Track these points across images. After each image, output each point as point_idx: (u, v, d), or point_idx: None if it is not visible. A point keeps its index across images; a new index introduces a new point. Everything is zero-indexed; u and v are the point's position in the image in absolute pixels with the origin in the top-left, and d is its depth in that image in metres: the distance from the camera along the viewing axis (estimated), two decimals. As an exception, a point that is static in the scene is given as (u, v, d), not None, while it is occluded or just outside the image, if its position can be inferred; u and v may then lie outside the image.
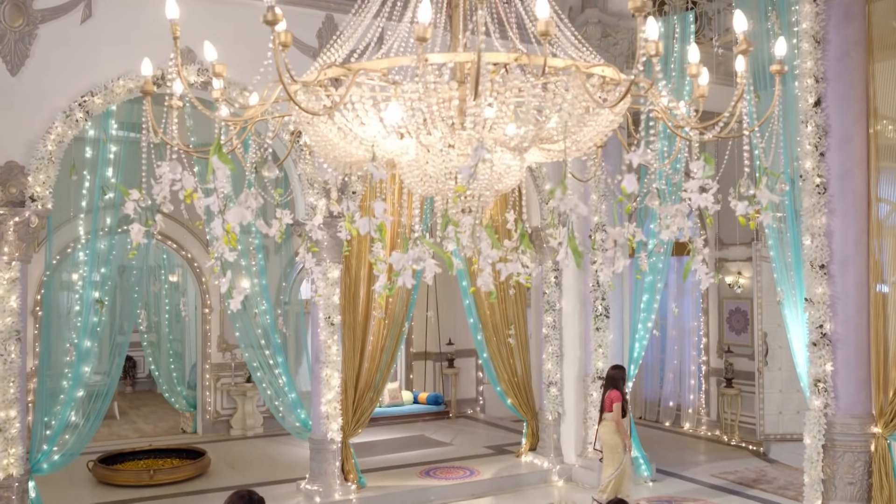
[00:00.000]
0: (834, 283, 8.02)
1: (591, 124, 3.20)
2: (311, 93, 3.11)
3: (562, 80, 2.89)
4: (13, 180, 8.14)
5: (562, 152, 3.36)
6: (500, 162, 3.42)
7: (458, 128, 3.12)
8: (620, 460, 8.89)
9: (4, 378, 8.04)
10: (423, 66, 2.70)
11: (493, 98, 3.04)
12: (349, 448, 9.93)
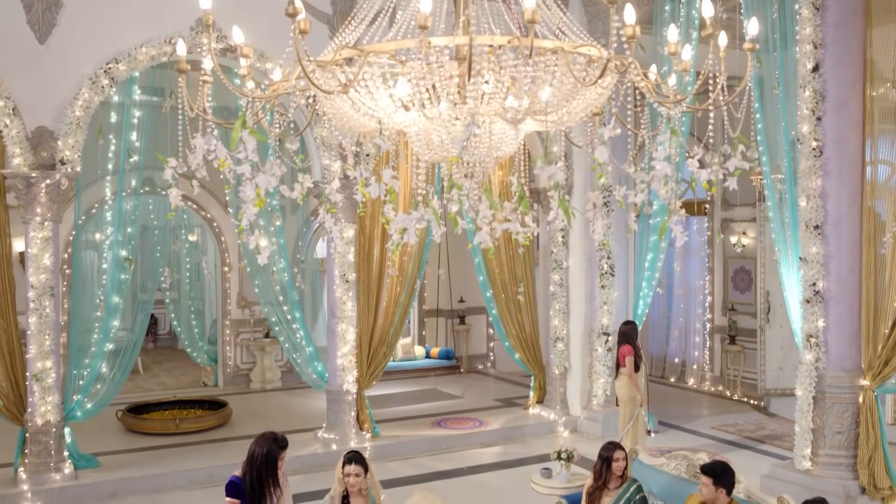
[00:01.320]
0: (827, 243, 8.34)
1: (578, 98, 3.55)
2: (327, 70, 3.48)
3: (550, 59, 3.25)
4: (44, 144, 8.57)
5: (554, 123, 3.73)
6: (498, 132, 3.79)
7: (460, 102, 3.49)
8: (633, 413, 9.31)
9: (40, 331, 8.56)
10: (426, 48, 3.06)
11: (490, 75, 3.40)
12: (364, 399, 10.45)
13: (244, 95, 3.40)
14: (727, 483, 5.43)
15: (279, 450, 5.36)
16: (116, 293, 9.44)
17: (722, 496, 5.42)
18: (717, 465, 5.57)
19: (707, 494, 5.47)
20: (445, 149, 3.83)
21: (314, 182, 7.25)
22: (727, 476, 5.47)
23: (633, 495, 6.08)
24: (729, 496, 5.44)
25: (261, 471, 5.31)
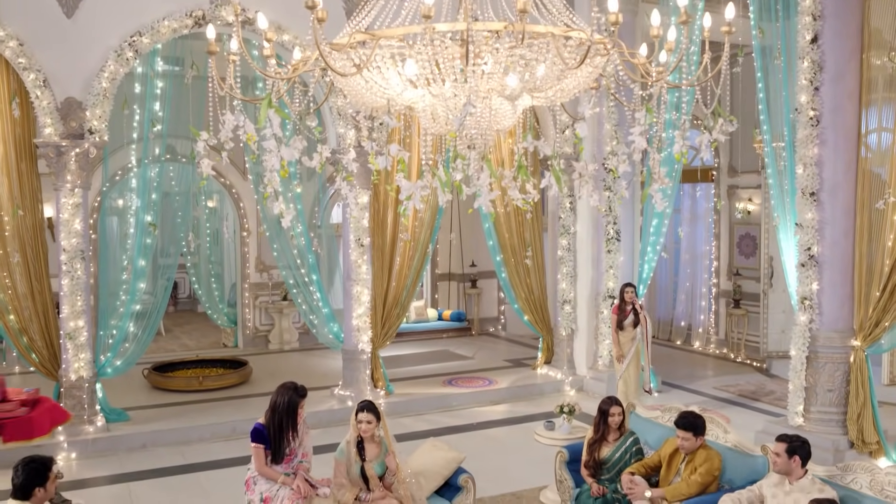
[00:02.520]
0: (823, 209, 8.67)
1: (570, 76, 3.92)
2: (342, 52, 3.86)
3: (543, 42, 3.62)
4: (73, 115, 8.99)
5: (548, 98, 4.10)
6: (497, 107, 4.16)
7: (461, 81, 3.86)
8: (621, 369, 9.79)
9: (73, 292, 9.06)
10: (431, 34, 3.43)
11: (489, 56, 3.77)
12: (378, 358, 10.93)
13: (268, 76, 3.78)
14: (697, 428, 5.92)
15: (299, 398, 5.83)
16: (142, 257, 9.90)
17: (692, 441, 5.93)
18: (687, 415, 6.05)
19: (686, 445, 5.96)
20: (449, 122, 4.20)
21: (331, 151, 7.60)
22: (699, 422, 5.97)
23: (630, 446, 6.52)
24: (697, 438, 5.93)
25: (282, 417, 5.79)
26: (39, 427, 6.44)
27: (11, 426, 6.38)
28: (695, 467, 5.97)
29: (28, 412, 6.49)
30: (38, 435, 6.39)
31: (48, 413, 6.58)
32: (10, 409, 6.40)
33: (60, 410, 6.75)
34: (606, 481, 6.38)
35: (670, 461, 6.18)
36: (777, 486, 5.36)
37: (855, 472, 5.37)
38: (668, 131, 10.42)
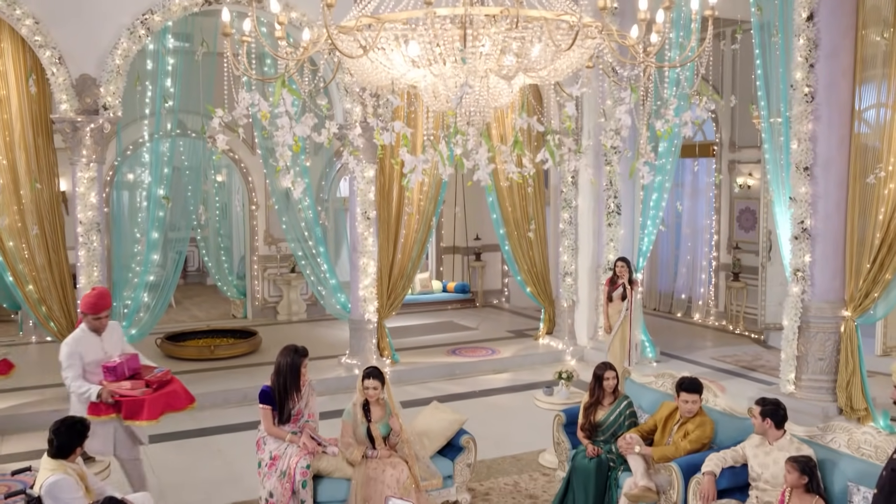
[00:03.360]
0: (816, 183, 8.93)
1: (563, 57, 4.17)
2: (350, 35, 4.12)
3: (537, 25, 3.88)
4: (87, 91, 9.26)
5: (542, 78, 4.36)
6: (494, 85, 4.42)
7: (461, 62, 4.12)
8: (608, 339, 10.09)
9: (89, 263, 9.39)
10: (432, 19, 3.69)
11: (486, 39, 4.03)
12: (384, 328, 11.27)
13: (280, 57, 4.04)
14: (700, 390, 6.22)
15: (300, 358, 6.20)
16: (155, 229, 10.20)
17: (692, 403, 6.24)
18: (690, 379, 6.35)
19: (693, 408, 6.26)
20: (450, 100, 4.46)
21: (338, 126, 7.87)
22: (700, 385, 6.27)
23: (624, 409, 6.83)
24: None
25: (286, 379, 6.16)
26: (150, 410, 6.26)
27: (127, 405, 6.20)
28: (686, 432, 6.27)
29: (147, 394, 6.30)
30: (146, 418, 6.22)
31: (165, 398, 6.37)
32: (130, 388, 6.25)
33: (180, 397, 6.51)
34: (601, 443, 6.69)
35: (665, 424, 6.49)
36: (758, 447, 5.67)
37: (834, 432, 5.68)
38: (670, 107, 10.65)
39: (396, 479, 6.12)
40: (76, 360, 6.32)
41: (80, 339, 6.44)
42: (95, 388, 6.24)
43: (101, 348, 6.47)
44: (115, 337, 6.68)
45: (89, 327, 6.46)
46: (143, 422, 6.21)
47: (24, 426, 9.05)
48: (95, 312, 6.43)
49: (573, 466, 6.63)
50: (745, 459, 5.75)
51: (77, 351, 6.35)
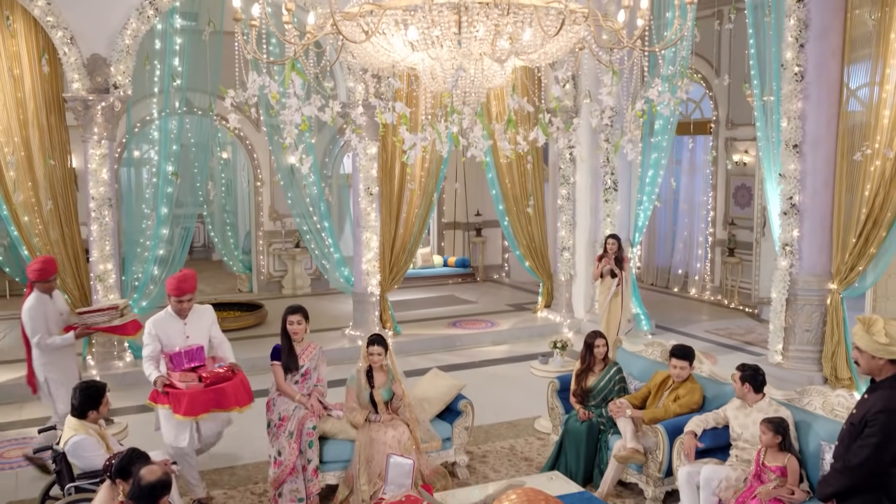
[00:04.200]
0: (804, 161, 9.20)
1: (553, 41, 4.46)
2: (353, 21, 4.41)
3: (528, 12, 4.16)
4: (98, 70, 9.54)
5: (532, 60, 4.65)
6: (488, 67, 4.71)
7: (456, 45, 4.41)
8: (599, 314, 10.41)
9: (102, 237, 9.72)
10: (430, 5, 3.98)
11: (480, 25, 4.32)
12: (386, 301, 11.61)
13: (287, 42, 4.33)
14: (690, 357, 6.56)
15: (287, 315, 6.65)
16: (165, 205, 10.51)
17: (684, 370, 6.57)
18: (680, 346, 6.68)
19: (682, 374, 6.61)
20: (447, 81, 4.76)
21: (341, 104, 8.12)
22: (691, 351, 6.61)
23: (613, 375, 7.18)
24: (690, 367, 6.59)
25: (282, 336, 6.57)
26: (190, 406, 6.00)
27: (172, 397, 6.07)
28: (677, 396, 6.62)
29: (194, 388, 6.06)
30: (183, 414, 6.02)
31: (211, 395, 6.11)
32: (178, 380, 6.10)
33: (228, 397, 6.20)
34: (592, 407, 7.05)
35: (658, 390, 6.83)
36: (739, 409, 6.01)
37: (810, 395, 6.01)
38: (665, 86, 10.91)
39: (398, 440, 6.47)
40: (154, 340, 6.32)
41: (161, 321, 6.43)
42: (155, 374, 6.22)
43: (182, 332, 6.43)
44: (202, 323, 6.58)
45: (173, 310, 6.45)
46: (181, 416, 6.07)
47: (41, 394, 9.41)
48: (177, 295, 6.38)
49: (566, 430, 6.99)
50: (727, 421, 6.09)
51: (156, 332, 6.34)
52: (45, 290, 7.29)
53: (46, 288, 7.29)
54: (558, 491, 5.39)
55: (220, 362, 6.51)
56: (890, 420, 3.96)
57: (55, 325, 7.33)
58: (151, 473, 4.17)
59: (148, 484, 4.11)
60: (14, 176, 9.53)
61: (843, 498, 4.20)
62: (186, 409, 6.04)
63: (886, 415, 3.98)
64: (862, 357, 4.17)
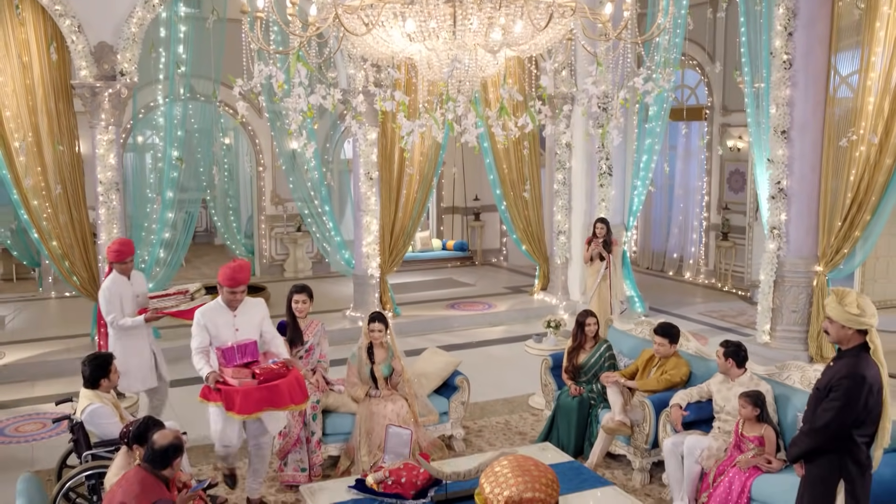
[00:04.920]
0: (792, 146, 9.46)
1: (542, 34, 4.73)
2: (353, 13, 4.67)
3: (517, 7, 4.43)
4: (105, 58, 9.79)
5: (523, 51, 4.92)
6: (482, 57, 4.98)
7: (451, 36, 4.68)
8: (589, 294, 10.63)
9: (109, 220, 10.00)
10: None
11: (474, 18, 4.59)
12: (386, 283, 11.91)
13: (293, 35, 4.60)
14: (671, 336, 6.85)
15: (293, 293, 6.98)
16: (170, 189, 10.78)
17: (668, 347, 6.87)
18: (664, 324, 6.98)
19: (661, 350, 6.90)
20: (443, 71, 5.03)
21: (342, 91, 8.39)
22: (674, 331, 6.90)
23: (604, 352, 7.47)
24: (671, 345, 6.88)
25: (288, 313, 6.94)
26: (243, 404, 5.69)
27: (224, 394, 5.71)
28: (664, 371, 6.92)
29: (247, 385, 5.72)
30: (237, 412, 5.69)
31: (265, 392, 5.72)
32: (231, 376, 5.75)
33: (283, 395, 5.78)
34: (583, 383, 7.35)
35: (645, 367, 7.14)
36: (722, 383, 6.31)
37: (789, 370, 6.32)
38: (658, 72, 11.17)
39: (397, 413, 6.78)
40: (202, 332, 5.96)
41: (210, 312, 6.04)
42: (206, 368, 5.86)
43: (231, 325, 6.02)
44: (252, 317, 6.17)
45: (223, 300, 6.07)
46: (235, 415, 5.72)
47: (52, 372, 9.76)
48: (231, 286, 5.98)
49: (557, 404, 7.30)
50: (711, 395, 6.39)
51: (204, 323, 5.97)
52: (122, 271, 7.39)
53: (123, 269, 7.39)
54: (550, 461, 5.68)
55: (274, 358, 6.12)
56: (853, 385, 4.26)
57: (130, 306, 7.38)
58: (164, 437, 4.46)
59: (161, 447, 4.41)
60: (24, 161, 9.80)
61: (809, 459, 4.50)
62: (241, 407, 5.67)
63: (850, 380, 4.27)
64: (832, 327, 4.46)
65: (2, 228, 14.61)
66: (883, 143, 8.75)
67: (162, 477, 4.44)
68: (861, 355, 4.35)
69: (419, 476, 5.47)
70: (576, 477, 5.78)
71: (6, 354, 10.21)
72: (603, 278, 10.45)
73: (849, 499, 4.38)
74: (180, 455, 4.49)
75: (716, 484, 5.79)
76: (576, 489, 5.55)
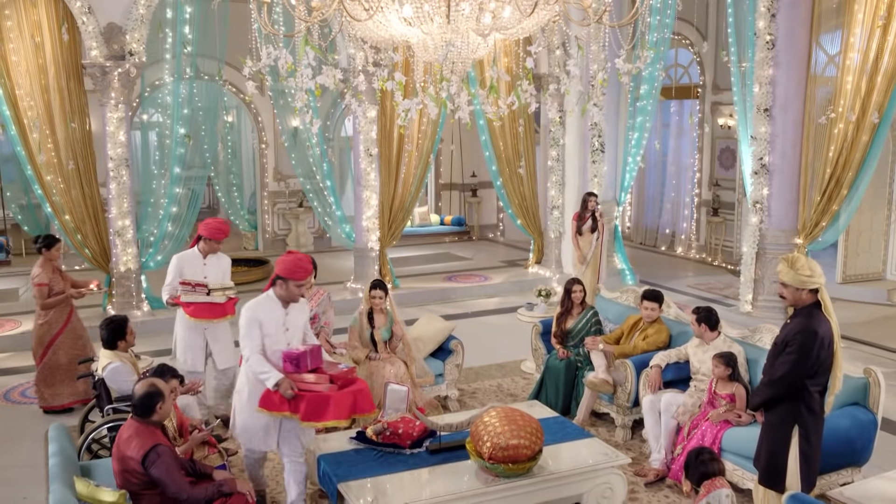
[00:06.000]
0: (774, 123, 9.87)
1: (528, 18, 5.14)
2: (356, 1, 5.08)
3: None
4: (114, 38, 10.17)
5: (511, 35, 5.33)
6: (473, 40, 5.39)
7: (446, 21, 5.09)
8: (578, 270, 11.00)
9: (120, 196, 10.43)
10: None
11: (467, 4, 5.00)
12: (385, 256, 12.36)
13: (301, 20, 5.00)
14: (659, 300, 7.32)
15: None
16: (178, 164, 11.19)
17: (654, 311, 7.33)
18: (651, 290, 7.44)
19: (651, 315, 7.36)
20: (438, 53, 5.44)
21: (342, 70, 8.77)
22: (661, 295, 7.36)
23: (590, 318, 7.93)
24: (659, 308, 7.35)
25: None
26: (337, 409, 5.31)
27: (309, 402, 5.28)
28: (646, 335, 7.39)
29: (333, 390, 5.39)
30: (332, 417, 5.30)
31: (353, 397, 5.41)
32: (314, 382, 5.37)
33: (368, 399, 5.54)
34: (571, 347, 7.81)
35: (629, 331, 7.60)
36: (697, 346, 6.76)
37: (761, 332, 6.78)
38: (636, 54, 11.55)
39: (395, 374, 7.24)
40: (255, 328, 5.41)
41: (261, 307, 5.53)
42: (276, 375, 5.29)
43: (283, 323, 5.52)
44: (301, 315, 5.74)
45: (281, 294, 5.52)
46: (331, 421, 5.34)
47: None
48: (301, 278, 5.49)
49: (546, 367, 7.77)
50: (688, 357, 6.85)
51: (260, 319, 5.44)
52: (203, 249, 7.20)
53: (204, 248, 7.19)
54: (537, 416, 6.12)
55: (340, 364, 5.85)
56: (806, 340, 4.71)
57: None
58: (141, 387, 4.73)
59: (139, 397, 4.69)
60: (37, 138, 10.21)
61: (768, 407, 4.97)
62: (335, 413, 5.30)
63: (803, 335, 4.72)
64: (787, 290, 4.90)
65: (13, 204, 15.04)
66: (860, 121, 9.15)
67: (153, 423, 4.72)
68: (814, 313, 4.79)
69: (415, 428, 5.93)
70: (560, 430, 6.24)
71: (22, 324, 10.67)
72: (595, 249, 10.86)
73: (802, 441, 4.85)
74: (160, 399, 4.69)
75: (690, 436, 6.27)
76: (560, 440, 6.01)
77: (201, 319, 7.14)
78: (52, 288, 7.81)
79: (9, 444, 7.30)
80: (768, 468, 4.96)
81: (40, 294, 7.78)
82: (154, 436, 4.69)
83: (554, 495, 5.60)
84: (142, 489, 4.66)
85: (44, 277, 7.76)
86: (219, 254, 7.32)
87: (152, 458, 4.54)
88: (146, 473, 4.57)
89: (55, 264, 7.91)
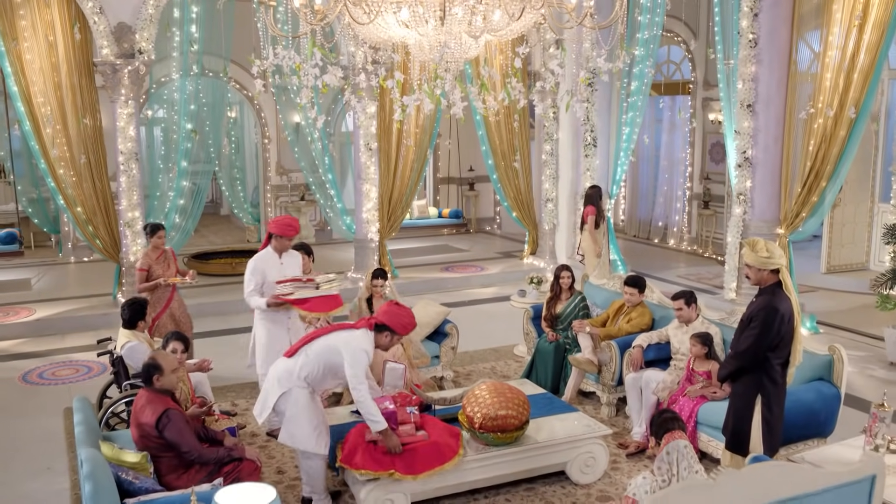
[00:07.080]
0: (757, 119, 10.30)
1: (516, 22, 5.57)
2: (357, 4, 5.51)
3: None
4: (125, 37, 10.59)
5: (501, 36, 5.77)
6: (466, 41, 5.82)
7: (441, 23, 5.52)
8: (595, 263, 11.46)
9: (130, 188, 10.86)
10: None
11: (459, 8, 5.43)
12: (385, 247, 12.80)
13: (308, 23, 5.43)
14: (640, 286, 7.74)
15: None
16: (184, 158, 11.64)
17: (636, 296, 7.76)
18: (633, 276, 7.87)
19: (631, 299, 7.79)
20: (433, 53, 5.88)
21: (342, 67, 9.21)
22: (641, 282, 7.79)
23: (578, 303, 8.36)
24: (640, 294, 7.78)
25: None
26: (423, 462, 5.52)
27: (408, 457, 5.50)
28: (630, 318, 7.83)
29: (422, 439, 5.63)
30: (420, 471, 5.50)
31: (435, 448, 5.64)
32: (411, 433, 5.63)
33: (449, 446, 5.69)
34: (560, 330, 8.25)
35: (615, 315, 8.04)
36: (678, 329, 7.19)
37: (737, 315, 7.19)
38: (640, 49, 11.99)
39: (392, 354, 7.67)
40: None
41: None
42: (381, 423, 5.42)
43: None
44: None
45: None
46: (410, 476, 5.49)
47: (79, 326, 10.66)
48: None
49: (537, 349, 8.22)
50: (668, 338, 7.29)
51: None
52: (276, 247, 7.14)
53: (277, 246, 7.13)
54: (527, 392, 6.58)
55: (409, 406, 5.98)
56: (768, 316, 5.15)
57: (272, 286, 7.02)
58: (146, 360, 5.33)
59: (143, 367, 5.28)
60: (50, 133, 10.65)
61: (734, 378, 5.41)
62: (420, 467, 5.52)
63: (765, 312, 5.16)
64: (751, 271, 5.33)
65: (23, 198, 15.48)
66: (838, 117, 9.57)
67: (163, 391, 5.23)
68: (776, 291, 5.23)
69: (411, 402, 6.36)
70: (547, 405, 6.70)
71: (36, 311, 11.12)
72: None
73: (765, 409, 5.29)
74: (157, 372, 5.18)
75: (668, 410, 6.71)
76: (546, 414, 6.47)
77: (319, 314, 7.21)
78: (153, 273, 8.21)
79: (29, 421, 7.75)
80: (734, 434, 5.41)
81: (139, 278, 8.23)
82: (165, 402, 5.20)
83: (540, 462, 6.05)
84: (160, 452, 5.12)
85: (143, 263, 8.21)
86: (289, 251, 7.23)
87: (164, 422, 5.03)
88: (161, 436, 5.04)
89: (162, 250, 8.33)
